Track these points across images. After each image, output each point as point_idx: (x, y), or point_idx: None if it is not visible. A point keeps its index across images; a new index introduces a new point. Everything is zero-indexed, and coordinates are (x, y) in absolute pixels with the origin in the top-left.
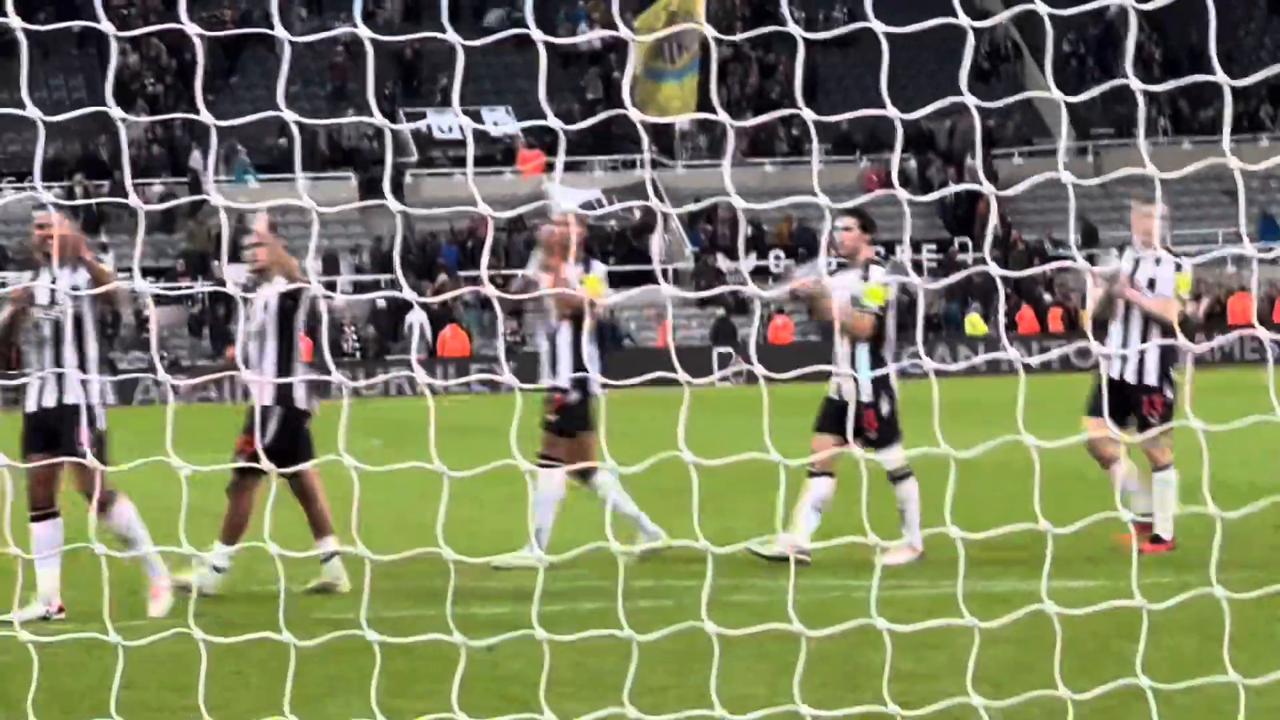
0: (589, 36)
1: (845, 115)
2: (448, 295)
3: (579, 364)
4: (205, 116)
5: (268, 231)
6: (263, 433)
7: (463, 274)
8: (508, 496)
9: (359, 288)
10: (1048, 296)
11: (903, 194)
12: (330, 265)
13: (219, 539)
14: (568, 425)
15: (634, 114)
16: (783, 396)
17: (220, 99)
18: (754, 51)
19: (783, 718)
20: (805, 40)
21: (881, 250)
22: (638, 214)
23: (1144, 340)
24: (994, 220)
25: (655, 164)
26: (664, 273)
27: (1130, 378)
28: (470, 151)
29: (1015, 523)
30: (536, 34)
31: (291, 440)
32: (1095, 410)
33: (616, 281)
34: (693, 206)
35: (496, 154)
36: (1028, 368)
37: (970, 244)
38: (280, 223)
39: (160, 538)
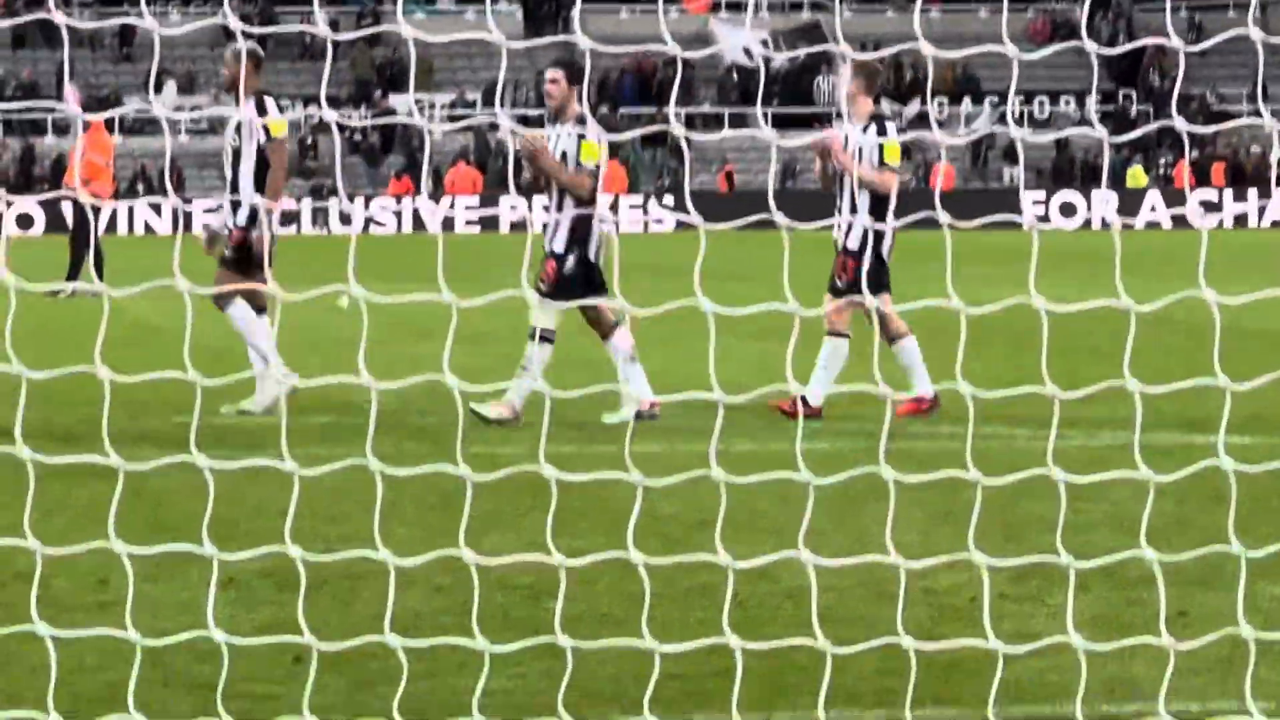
0: None
1: None
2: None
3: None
4: None
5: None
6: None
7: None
8: (667, 335)
9: (524, 121)
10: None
11: (1091, 46)
12: (489, 97)
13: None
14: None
15: None
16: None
17: None
18: None
19: (949, 565)
20: None
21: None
22: (802, 56)
23: (854, 209)
24: (1180, 74)
25: (818, 6)
26: (837, 114)
27: (840, 243)
28: None
29: (1176, 379)
30: None
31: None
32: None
33: (781, 123)
34: (875, 54)
35: None
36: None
37: (1134, 96)
38: (443, 54)
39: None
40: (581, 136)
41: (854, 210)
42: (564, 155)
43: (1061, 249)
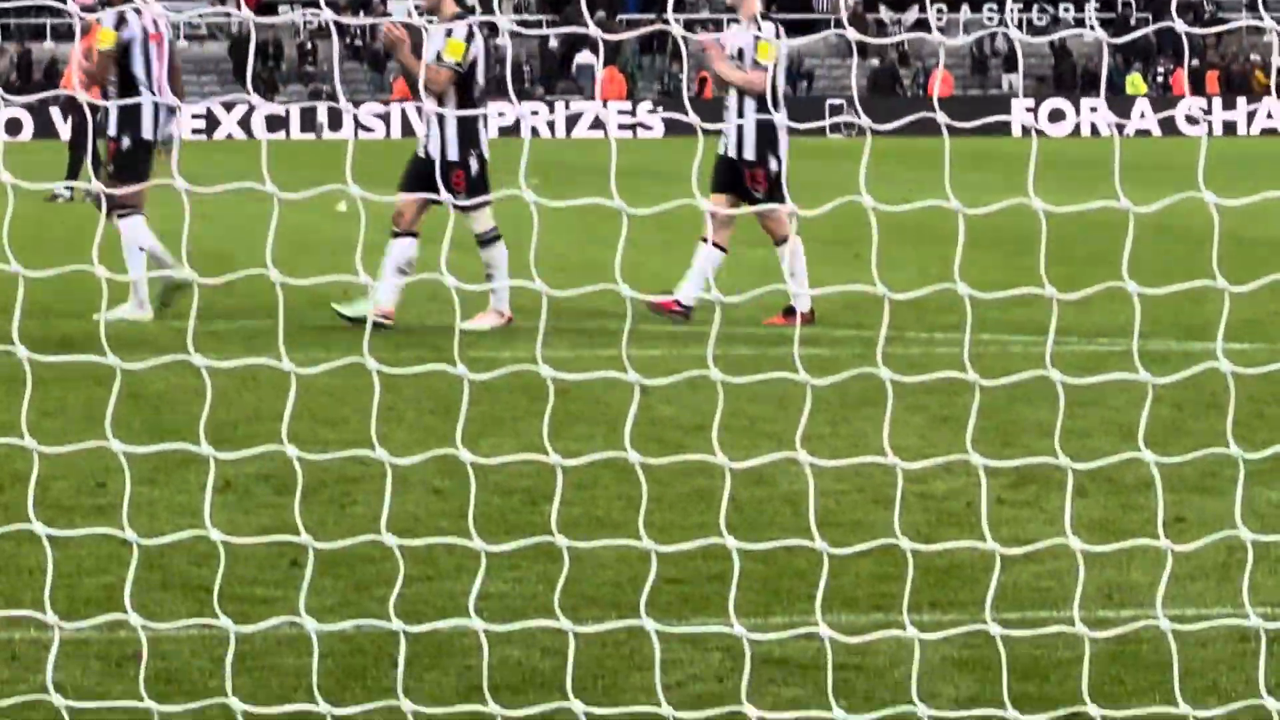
0: None
1: None
2: (627, 35)
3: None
4: None
5: None
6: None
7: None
8: (666, 242)
9: (526, 25)
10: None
11: None
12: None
13: None
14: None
15: None
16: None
17: None
18: None
19: (942, 465)
20: None
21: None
22: None
23: (741, 114)
24: None
25: None
26: (828, 22)
27: (733, 153)
28: None
29: (1177, 283)
30: None
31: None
32: (715, 186)
33: (793, 28)
34: None
35: None
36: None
37: (1134, 3)
38: None
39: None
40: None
41: (741, 115)
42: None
43: (1056, 156)
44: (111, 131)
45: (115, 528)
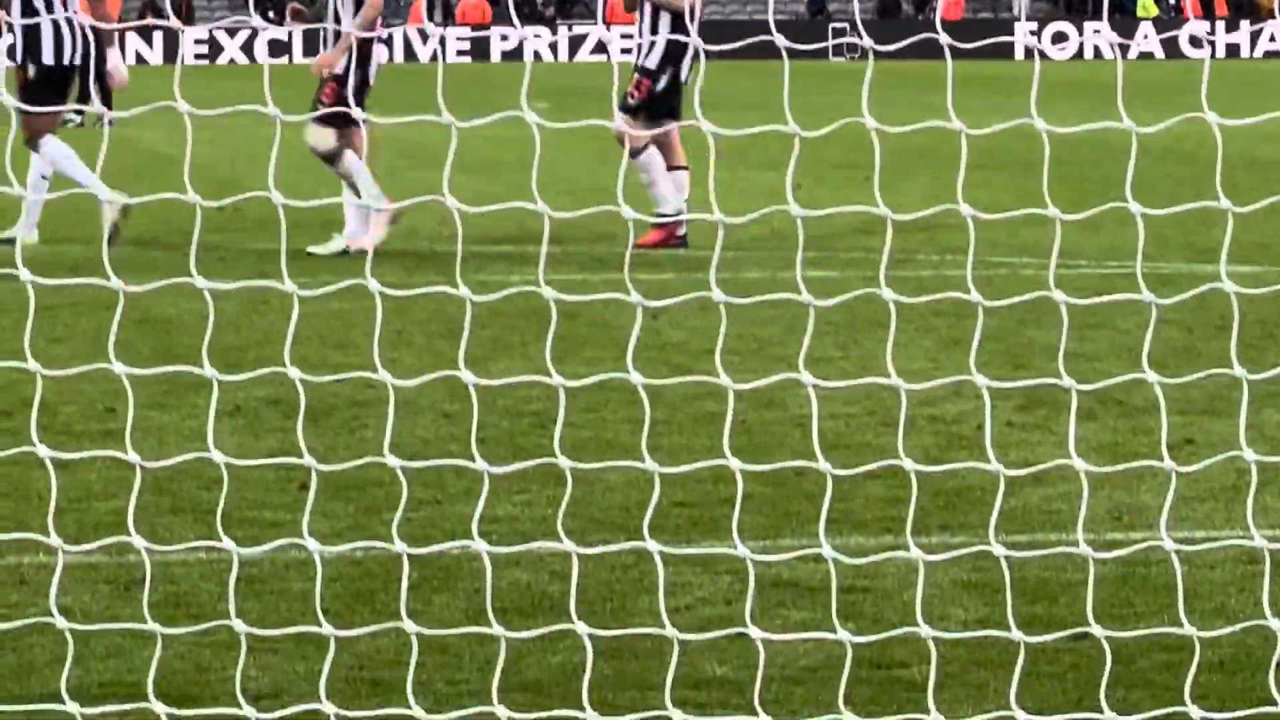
0: None
1: None
2: None
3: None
4: None
5: None
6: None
7: None
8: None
9: None
10: None
11: None
12: None
13: None
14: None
15: None
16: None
17: None
18: None
19: (952, 389)
20: None
21: None
22: None
23: (655, 29)
24: None
25: None
26: None
27: (638, 61)
28: None
29: (1186, 203)
30: None
31: None
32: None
33: None
34: None
35: None
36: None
37: None
38: None
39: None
40: None
41: (655, 30)
42: None
43: (1060, 79)
44: (17, 59)
45: (123, 452)
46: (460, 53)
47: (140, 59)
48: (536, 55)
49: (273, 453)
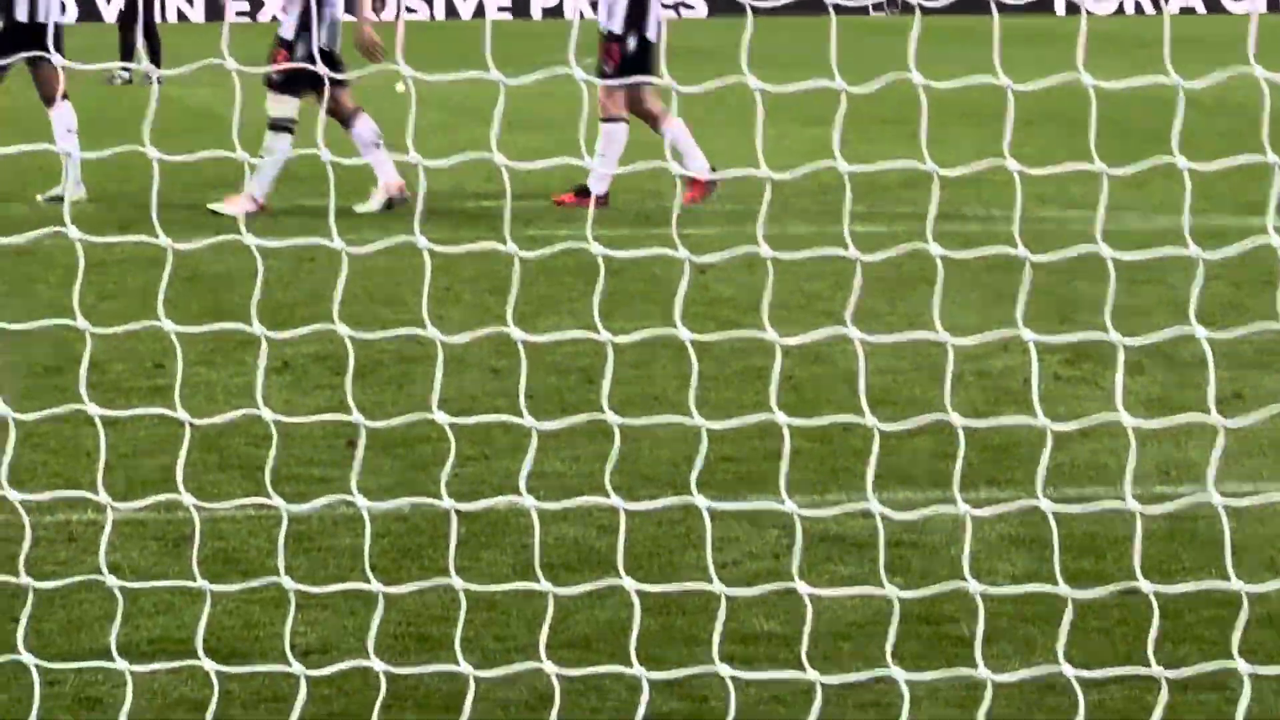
0: None
1: None
2: None
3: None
4: None
5: None
6: None
7: None
8: (722, 121)
9: None
10: None
11: None
12: None
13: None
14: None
15: None
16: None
17: None
18: None
19: (999, 343)
20: None
21: None
22: None
23: None
24: None
25: None
26: None
27: (603, 26)
28: None
29: (1235, 155)
30: None
31: None
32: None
33: None
34: None
35: None
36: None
37: None
38: None
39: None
40: None
41: None
42: None
43: (1103, 33)
44: None
45: (172, 409)
46: (501, 9)
47: (182, 16)
48: (580, 14)
49: (321, 409)
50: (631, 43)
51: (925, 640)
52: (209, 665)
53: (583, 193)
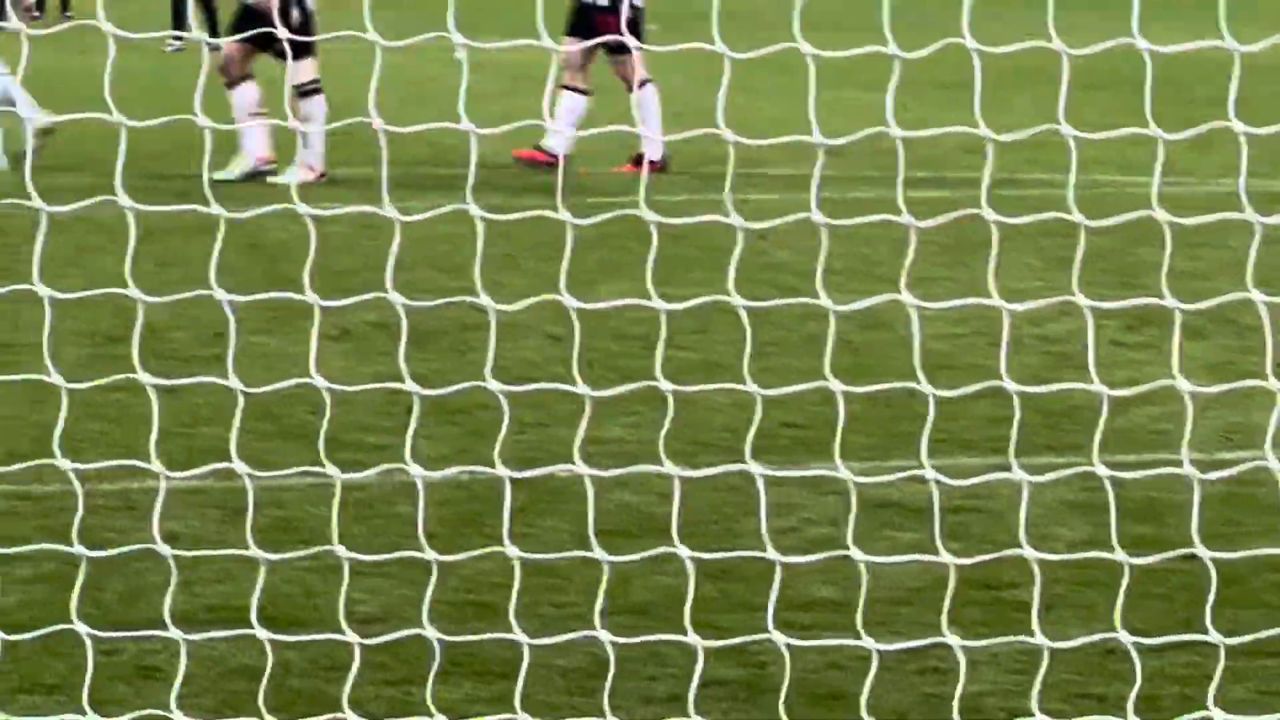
0: None
1: None
2: None
3: None
4: None
5: None
6: None
7: None
8: (779, 87)
9: None
10: None
11: None
12: None
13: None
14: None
15: None
16: None
17: None
18: None
19: (1060, 309)
20: None
21: None
22: None
23: None
24: None
25: None
26: None
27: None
28: None
29: None
30: None
31: None
32: (568, 29)
33: None
34: None
35: None
36: None
37: None
38: None
39: None
40: None
41: None
42: None
43: None
44: None
45: (230, 378)
46: None
47: None
48: None
49: (379, 377)
50: (625, 10)
51: (983, 606)
52: (266, 634)
53: (639, 161)
